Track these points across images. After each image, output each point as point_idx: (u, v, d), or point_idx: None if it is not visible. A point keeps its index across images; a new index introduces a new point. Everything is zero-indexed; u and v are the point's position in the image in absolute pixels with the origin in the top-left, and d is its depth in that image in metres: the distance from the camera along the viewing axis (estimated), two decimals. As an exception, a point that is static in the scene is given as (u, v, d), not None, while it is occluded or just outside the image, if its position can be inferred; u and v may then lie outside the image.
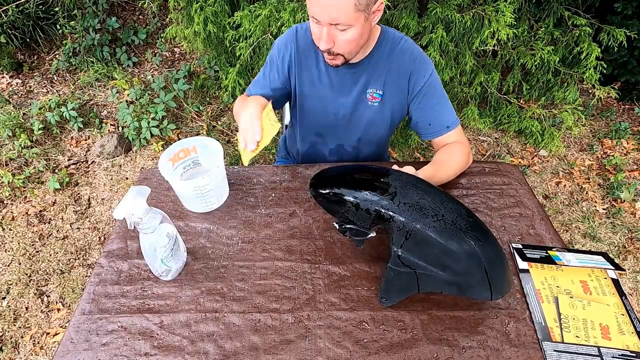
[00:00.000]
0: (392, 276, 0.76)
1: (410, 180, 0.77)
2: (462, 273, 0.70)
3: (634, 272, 1.80)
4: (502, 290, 0.72)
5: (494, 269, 0.70)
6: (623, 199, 2.09)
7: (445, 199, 0.74)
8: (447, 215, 0.71)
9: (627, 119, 2.61)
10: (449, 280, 0.71)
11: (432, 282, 0.73)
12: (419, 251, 0.72)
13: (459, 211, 0.72)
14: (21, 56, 3.08)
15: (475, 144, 2.45)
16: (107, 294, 0.83)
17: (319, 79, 1.07)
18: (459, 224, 0.70)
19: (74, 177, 2.30)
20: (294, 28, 1.06)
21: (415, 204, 0.72)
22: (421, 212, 0.71)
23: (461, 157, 1.03)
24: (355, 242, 0.85)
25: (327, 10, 0.83)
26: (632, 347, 0.71)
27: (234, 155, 2.35)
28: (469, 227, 0.70)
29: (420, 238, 0.70)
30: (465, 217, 0.72)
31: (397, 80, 1.04)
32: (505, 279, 0.72)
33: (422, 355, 0.72)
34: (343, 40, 0.88)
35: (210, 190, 0.93)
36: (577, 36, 2.02)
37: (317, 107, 1.11)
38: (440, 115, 1.05)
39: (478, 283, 0.70)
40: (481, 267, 0.69)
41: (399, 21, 1.92)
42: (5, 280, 1.82)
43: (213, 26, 2.11)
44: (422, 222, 0.70)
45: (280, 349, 0.73)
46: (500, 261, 0.72)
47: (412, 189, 0.75)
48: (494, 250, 0.71)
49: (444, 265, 0.70)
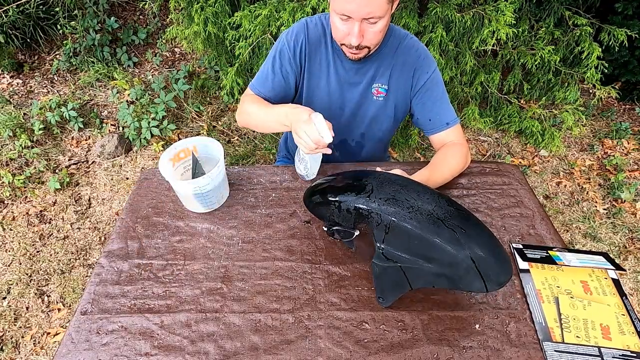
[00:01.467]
0: (377, 272, 0.77)
1: (387, 177, 0.79)
2: (448, 264, 0.68)
3: (634, 272, 1.80)
4: (498, 279, 0.68)
5: (482, 258, 0.66)
6: (624, 199, 2.09)
7: (422, 191, 0.74)
8: (424, 206, 0.71)
9: (628, 119, 2.61)
10: (437, 273, 0.70)
11: (421, 276, 0.73)
12: (400, 244, 0.72)
13: (437, 201, 0.72)
14: (22, 56, 3.08)
15: (475, 144, 2.45)
16: (107, 294, 0.83)
17: (327, 74, 1.07)
18: (436, 213, 0.70)
19: (75, 177, 2.30)
20: (303, 21, 1.05)
21: (390, 198, 0.73)
22: (396, 205, 0.72)
23: (459, 159, 1.03)
24: (346, 244, 0.86)
25: (363, 5, 0.83)
26: (632, 347, 0.71)
27: (234, 155, 2.35)
28: (448, 216, 0.69)
29: (399, 231, 0.71)
30: (444, 206, 0.71)
31: (401, 76, 1.05)
32: (500, 267, 0.68)
33: (422, 355, 0.72)
34: (373, 33, 0.90)
35: (210, 191, 0.93)
36: (578, 36, 2.02)
37: (324, 102, 1.11)
38: (441, 112, 1.06)
39: (467, 273, 0.67)
40: (467, 256, 0.66)
41: (399, 21, 1.92)
42: (6, 280, 1.82)
43: (213, 26, 2.11)
44: (397, 215, 0.71)
45: (280, 349, 0.73)
46: (490, 249, 0.68)
47: (388, 184, 0.76)
48: (481, 238, 0.69)
49: (428, 257, 0.70)
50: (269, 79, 1.08)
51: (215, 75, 2.77)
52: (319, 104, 1.11)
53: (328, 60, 1.06)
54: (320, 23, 1.05)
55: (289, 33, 1.06)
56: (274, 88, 1.08)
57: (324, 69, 1.07)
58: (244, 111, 1.08)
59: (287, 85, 1.09)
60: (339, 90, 1.08)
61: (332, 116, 1.13)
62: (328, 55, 1.05)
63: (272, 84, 1.08)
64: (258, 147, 2.42)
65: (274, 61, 1.07)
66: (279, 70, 1.07)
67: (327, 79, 1.07)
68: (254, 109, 1.05)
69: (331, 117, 1.14)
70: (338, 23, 0.91)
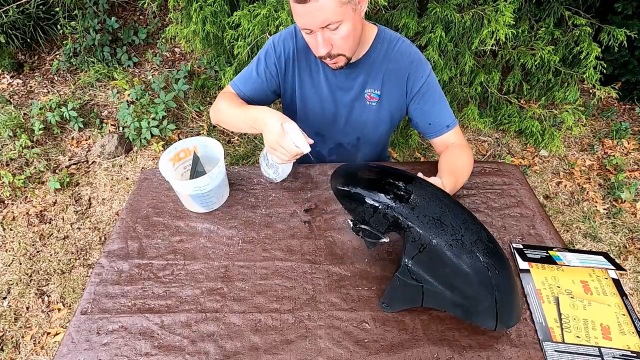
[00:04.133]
0: (397, 285, 0.74)
1: (436, 193, 0.74)
2: (471, 297, 0.68)
3: (634, 272, 1.80)
4: (509, 322, 0.70)
5: (504, 301, 0.68)
6: (624, 199, 2.09)
7: (469, 220, 0.71)
8: (467, 236, 0.68)
9: (628, 119, 2.61)
10: (455, 302, 0.70)
11: (437, 300, 0.73)
12: (430, 267, 0.70)
13: (479, 234, 0.69)
14: (22, 56, 3.08)
15: (475, 144, 2.45)
16: (107, 293, 0.83)
17: (318, 80, 1.07)
18: (477, 247, 0.67)
19: (75, 177, 2.30)
20: (292, 27, 1.05)
21: (436, 218, 0.69)
22: (441, 228, 0.68)
23: (469, 160, 1.02)
24: (366, 243, 0.84)
25: (314, 15, 0.82)
26: (632, 347, 0.71)
27: (234, 155, 2.35)
28: (487, 253, 0.67)
29: (434, 254, 0.68)
30: (485, 241, 0.69)
31: (394, 82, 1.04)
32: (514, 312, 0.70)
33: (422, 355, 0.72)
34: (339, 39, 0.88)
35: (210, 190, 0.93)
36: (578, 36, 2.02)
37: (316, 107, 1.11)
38: (440, 115, 1.05)
39: (485, 311, 0.68)
40: (492, 296, 0.66)
41: (399, 21, 1.92)
42: (6, 280, 1.82)
43: (212, 26, 2.11)
44: (440, 238, 0.67)
45: (280, 349, 0.73)
46: (513, 294, 0.69)
47: (436, 202, 0.71)
48: (509, 281, 0.69)
49: (453, 286, 0.69)
50: (251, 78, 1.08)
51: (215, 75, 2.77)
52: (310, 109, 1.11)
53: (318, 65, 1.05)
54: None
55: (277, 37, 1.05)
56: (254, 89, 1.08)
57: (314, 74, 1.06)
58: (217, 107, 1.07)
59: (269, 89, 1.09)
60: (331, 95, 1.08)
61: (326, 121, 1.13)
62: (318, 60, 1.04)
63: (253, 84, 1.08)
64: (258, 147, 2.42)
65: (258, 62, 1.07)
66: (263, 72, 1.07)
67: (319, 84, 1.07)
68: (226, 107, 1.04)
69: (324, 122, 1.14)
70: (307, 38, 0.91)
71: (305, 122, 1.16)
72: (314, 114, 1.13)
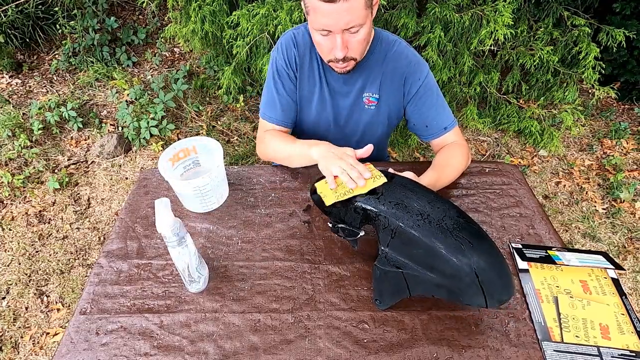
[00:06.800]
0: (378, 275, 0.76)
1: (399, 180, 0.78)
2: (450, 275, 0.68)
3: (634, 271, 1.80)
4: (500, 297, 0.68)
5: (486, 274, 0.66)
6: (623, 199, 2.09)
7: (434, 199, 0.73)
8: (433, 214, 0.70)
9: (627, 119, 2.61)
10: (438, 283, 0.70)
11: (421, 284, 0.73)
12: (405, 250, 0.71)
13: (447, 211, 0.71)
14: (21, 56, 3.08)
15: (475, 144, 2.45)
16: (106, 294, 0.83)
17: (319, 84, 1.06)
18: (445, 223, 0.69)
19: (74, 177, 2.30)
20: (290, 33, 1.04)
21: (400, 202, 0.72)
22: (405, 211, 0.71)
23: (461, 159, 1.03)
24: (350, 242, 0.86)
25: (340, 16, 0.81)
26: (632, 346, 0.71)
27: (234, 155, 2.35)
28: (457, 228, 0.68)
29: (404, 236, 0.70)
30: (454, 217, 0.70)
31: (392, 84, 1.04)
32: (502, 285, 0.68)
33: (422, 355, 0.72)
34: (356, 42, 0.88)
35: (210, 190, 0.93)
36: (576, 36, 2.02)
37: (316, 112, 1.11)
38: (437, 117, 1.05)
39: (468, 287, 0.67)
40: (471, 270, 0.65)
41: (398, 21, 1.92)
42: (5, 280, 1.81)
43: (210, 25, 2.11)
44: (405, 220, 0.70)
45: (280, 349, 0.73)
46: (496, 266, 0.67)
47: (400, 188, 0.75)
48: (488, 253, 0.68)
49: (431, 267, 0.69)
50: (276, 102, 1.07)
51: (214, 75, 2.77)
52: (310, 113, 1.11)
53: (318, 70, 1.05)
54: (307, 33, 1.02)
55: (278, 50, 1.05)
56: (284, 110, 1.08)
57: (315, 80, 1.06)
58: (269, 149, 1.07)
59: (295, 102, 1.09)
60: (331, 100, 1.08)
61: (325, 126, 1.13)
62: (318, 65, 1.04)
63: (280, 106, 1.07)
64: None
65: (275, 83, 1.06)
66: (283, 90, 1.06)
67: (320, 89, 1.07)
68: (276, 146, 1.05)
69: (324, 126, 1.14)
70: (320, 39, 0.89)
71: (305, 127, 1.16)
72: (313, 119, 1.12)
